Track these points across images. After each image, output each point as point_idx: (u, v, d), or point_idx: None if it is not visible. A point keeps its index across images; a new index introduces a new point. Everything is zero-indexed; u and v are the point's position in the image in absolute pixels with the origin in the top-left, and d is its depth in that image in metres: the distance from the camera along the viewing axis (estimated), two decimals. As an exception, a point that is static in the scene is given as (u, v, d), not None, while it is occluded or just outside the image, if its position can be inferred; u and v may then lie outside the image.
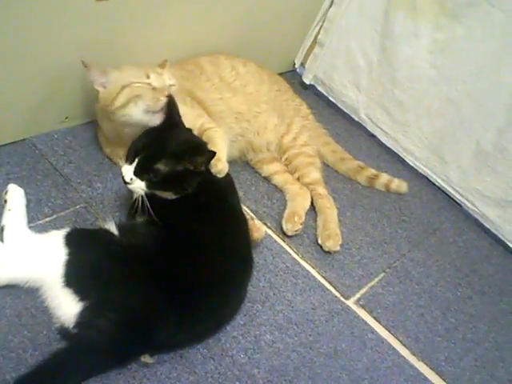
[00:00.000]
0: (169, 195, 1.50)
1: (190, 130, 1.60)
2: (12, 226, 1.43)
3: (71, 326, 1.27)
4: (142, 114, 1.61)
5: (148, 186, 1.46)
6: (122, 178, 1.47)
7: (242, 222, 1.61)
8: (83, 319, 1.27)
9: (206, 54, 2.06)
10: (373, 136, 2.49)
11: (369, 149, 2.45)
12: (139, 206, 1.46)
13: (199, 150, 1.50)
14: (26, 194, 1.58)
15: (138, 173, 1.46)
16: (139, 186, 1.46)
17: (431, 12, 2.17)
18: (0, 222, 1.45)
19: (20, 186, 1.56)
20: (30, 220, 1.54)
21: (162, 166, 1.44)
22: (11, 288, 1.37)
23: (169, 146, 1.47)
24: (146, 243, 1.41)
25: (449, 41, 2.16)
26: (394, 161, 2.43)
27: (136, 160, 1.46)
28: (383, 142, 2.46)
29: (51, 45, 1.65)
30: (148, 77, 1.63)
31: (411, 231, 2.12)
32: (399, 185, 2.23)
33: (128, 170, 1.47)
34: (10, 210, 1.47)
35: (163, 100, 1.59)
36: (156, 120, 1.58)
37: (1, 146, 1.73)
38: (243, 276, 1.55)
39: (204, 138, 1.67)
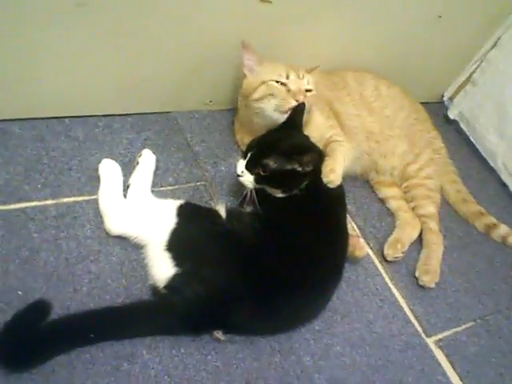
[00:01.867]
0: (276, 192, 1.60)
1: (306, 136, 1.69)
2: (137, 187, 1.60)
3: (161, 285, 1.42)
4: (272, 111, 1.72)
5: (256, 181, 1.58)
6: (235, 170, 1.61)
7: (342, 235, 1.67)
8: (173, 283, 1.40)
9: (354, 69, 2.13)
10: (504, 186, 2.43)
11: (497, 197, 2.39)
12: (248, 199, 1.58)
13: (307, 150, 1.59)
14: (158, 161, 1.75)
15: (248, 167, 1.59)
16: (248, 180, 1.59)
17: None
18: (128, 180, 1.63)
19: (154, 153, 1.73)
20: (154, 185, 1.70)
21: (270, 162, 1.56)
22: (122, 239, 1.54)
23: (280, 145, 1.59)
24: (247, 232, 1.51)
25: None
26: (520, 216, 2.36)
27: (248, 155, 1.59)
28: (514, 194, 2.39)
29: (210, 30, 1.78)
30: (288, 77, 1.73)
31: (517, 290, 2.07)
32: (517, 240, 2.17)
33: (241, 164, 1.60)
34: (139, 171, 1.65)
35: (292, 103, 1.68)
36: (283, 119, 1.69)
37: (147, 114, 1.92)
38: (329, 286, 1.61)
39: (327, 149, 1.75)
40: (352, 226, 1.94)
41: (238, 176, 1.61)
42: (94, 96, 1.78)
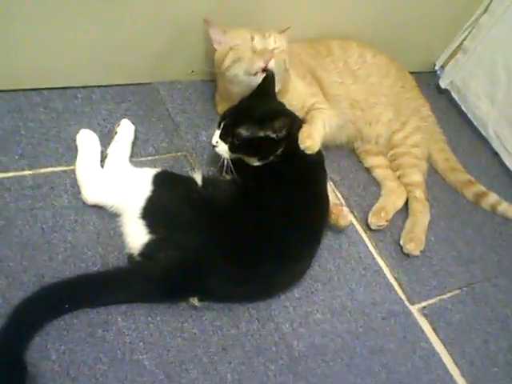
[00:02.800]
0: (252, 161, 1.60)
1: (280, 103, 1.68)
2: (114, 157, 1.59)
3: (136, 253, 1.42)
4: (243, 75, 1.71)
5: (231, 150, 1.58)
6: (210, 141, 1.61)
7: (321, 202, 1.66)
8: (147, 250, 1.40)
9: (341, 38, 2.10)
10: (496, 154, 2.41)
11: (488, 166, 2.37)
12: (225, 168, 1.58)
13: (278, 115, 1.57)
14: (138, 131, 1.74)
15: (222, 136, 1.59)
16: (223, 149, 1.59)
17: None
18: (106, 150, 1.61)
19: (134, 124, 1.72)
20: (134, 155, 1.70)
21: (242, 131, 1.55)
22: (99, 208, 1.53)
23: (252, 113, 1.58)
24: (223, 198, 1.52)
25: None
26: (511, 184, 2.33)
27: (222, 125, 1.58)
28: (505, 162, 2.37)
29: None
30: (252, 39, 1.71)
31: (505, 258, 2.04)
32: (507, 209, 2.14)
33: (215, 134, 1.60)
34: (116, 141, 1.64)
35: (260, 63, 1.67)
36: (257, 80, 1.67)
37: (128, 85, 1.90)
38: (306, 252, 1.61)
39: (308, 116, 1.74)
40: (336, 195, 1.93)
41: (213, 146, 1.61)
42: (72, 67, 1.76)
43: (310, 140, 1.60)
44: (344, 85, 1.98)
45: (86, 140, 1.63)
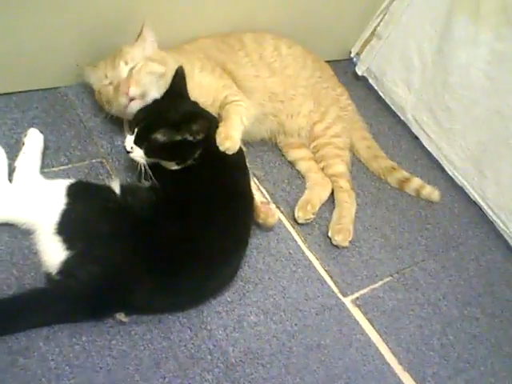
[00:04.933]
0: (170, 165, 1.54)
1: (194, 103, 1.62)
2: (23, 169, 1.48)
3: (54, 272, 1.33)
4: (123, 110, 1.64)
5: (147, 155, 1.51)
6: (124, 147, 1.53)
7: (245, 202, 1.61)
8: (66, 267, 1.32)
9: (255, 30, 2.05)
10: (416, 138, 2.43)
11: (409, 150, 2.39)
12: (143, 174, 1.51)
13: (195, 118, 1.51)
14: (48, 140, 1.64)
15: (137, 142, 1.51)
16: (139, 155, 1.51)
17: (495, 21, 2.07)
18: (14, 163, 1.50)
19: (43, 132, 1.61)
20: (45, 166, 1.60)
21: (159, 136, 1.49)
22: (10, 226, 1.42)
23: (168, 116, 1.51)
24: (143, 207, 1.44)
25: (509, 53, 2.06)
26: (433, 167, 2.36)
27: (136, 129, 1.51)
28: (425, 145, 2.39)
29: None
30: (106, 76, 1.66)
31: (432, 241, 2.07)
32: (431, 192, 2.17)
33: (129, 139, 1.52)
34: (24, 152, 1.53)
35: (122, 100, 1.60)
36: (134, 107, 1.60)
37: (33, 91, 1.78)
38: (234, 255, 1.56)
39: (223, 112, 1.69)
40: (261, 192, 1.89)
41: (128, 152, 1.53)
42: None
43: (229, 141, 1.55)
44: (260, 78, 1.93)
45: (-10, 153, 1.51)
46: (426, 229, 2.11)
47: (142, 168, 1.52)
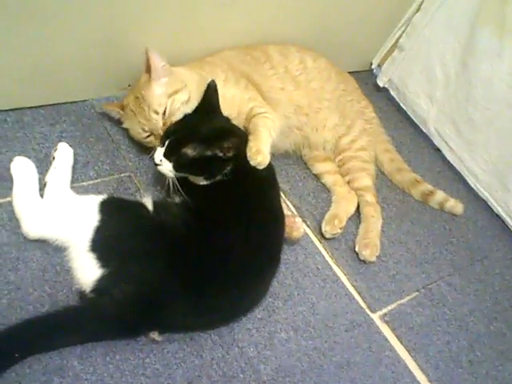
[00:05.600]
0: (199, 180, 1.53)
1: (226, 118, 1.61)
2: (54, 184, 1.48)
3: (88, 289, 1.32)
4: None
5: (176, 169, 1.50)
6: (153, 159, 1.52)
7: (277, 217, 1.60)
8: (100, 286, 1.30)
9: (277, 42, 2.04)
10: (438, 150, 2.42)
11: (431, 163, 2.38)
12: (172, 188, 1.50)
13: (226, 134, 1.50)
14: (76, 154, 1.63)
15: (166, 155, 1.50)
16: (168, 169, 1.50)
17: (520, 34, 2.07)
18: (44, 178, 1.50)
19: (71, 146, 1.61)
20: (75, 180, 1.59)
21: (189, 151, 1.48)
22: (42, 243, 1.42)
23: (199, 131, 1.51)
24: (177, 224, 1.43)
25: (533, 66, 2.06)
26: (455, 179, 2.35)
27: (166, 142, 1.50)
28: (447, 158, 2.38)
29: (121, 10, 1.68)
30: (144, 130, 1.68)
31: (457, 255, 2.05)
32: (455, 205, 2.15)
33: (159, 152, 1.51)
34: (55, 167, 1.52)
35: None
36: None
37: (61, 104, 1.78)
38: (267, 272, 1.55)
39: (250, 125, 1.68)
40: (287, 206, 1.88)
41: (157, 165, 1.52)
42: (-1, 89, 1.63)
43: (260, 155, 1.54)
44: (285, 90, 1.92)
45: (22, 168, 1.51)
46: (451, 242, 2.09)
47: (170, 182, 1.51)
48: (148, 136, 1.67)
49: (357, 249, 1.85)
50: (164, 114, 1.63)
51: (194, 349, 1.42)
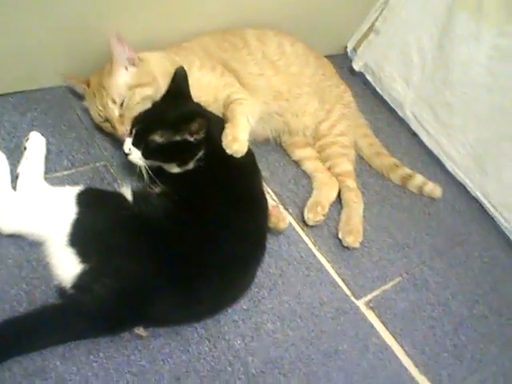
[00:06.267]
0: (172, 168, 1.49)
1: (195, 103, 1.58)
2: (27, 176, 1.41)
3: (68, 286, 1.26)
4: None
5: (146, 157, 1.46)
6: (123, 149, 1.48)
7: (259, 204, 1.56)
8: (81, 282, 1.25)
9: (253, 26, 1.98)
10: (415, 135, 2.40)
11: (408, 147, 2.37)
12: (146, 178, 1.47)
13: (193, 117, 1.45)
14: (48, 143, 1.56)
15: (135, 143, 1.46)
16: (137, 157, 1.47)
17: (497, 17, 2.05)
18: (16, 169, 1.43)
19: (43, 135, 1.54)
20: (48, 171, 1.52)
21: (157, 137, 1.45)
22: (17, 238, 1.35)
23: (165, 117, 1.47)
24: (158, 215, 1.38)
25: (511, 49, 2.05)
26: (433, 164, 2.34)
27: (134, 131, 1.46)
28: (425, 142, 2.37)
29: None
30: (100, 115, 1.63)
31: (437, 239, 2.05)
32: (433, 189, 2.14)
33: (127, 141, 1.47)
34: (27, 158, 1.45)
35: (120, 133, 1.59)
36: None
37: (31, 91, 1.70)
38: (252, 261, 1.50)
39: (227, 112, 1.64)
40: (270, 195, 1.84)
41: (126, 154, 1.48)
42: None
43: (237, 143, 1.50)
44: (264, 76, 1.87)
45: (-9, 160, 1.43)
46: (431, 227, 2.08)
47: (144, 172, 1.47)
48: (104, 121, 1.62)
49: (340, 235, 1.82)
50: (122, 105, 1.58)
51: (180, 343, 1.38)
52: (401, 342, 1.68)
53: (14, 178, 1.41)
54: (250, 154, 1.59)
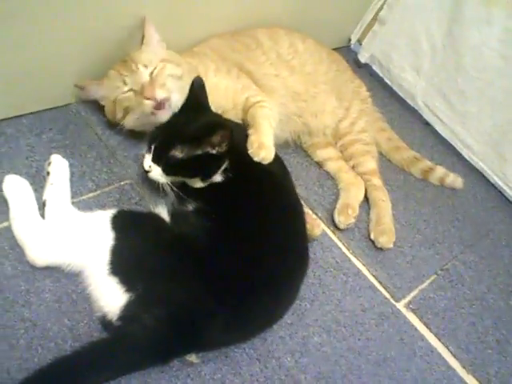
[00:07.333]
0: (194, 182, 1.41)
1: (214, 113, 1.51)
2: (54, 202, 1.33)
3: (114, 318, 1.19)
4: (142, 119, 1.52)
5: (166, 173, 1.39)
6: (142, 166, 1.40)
7: (297, 212, 1.49)
8: (128, 313, 1.18)
9: (258, 24, 1.93)
10: (428, 124, 2.35)
11: (423, 138, 2.31)
12: (172, 196, 1.41)
13: (214, 128, 1.36)
14: (69, 165, 1.47)
15: (155, 160, 1.39)
16: (158, 174, 1.39)
17: (507, -1, 2.01)
18: (42, 196, 1.35)
19: (63, 156, 1.46)
20: (73, 194, 1.44)
21: (177, 152, 1.37)
22: (52, 270, 1.28)
23: (185, 131, 1.39)
24: (197, 234, 1.30)
25: (523, 31, 2.01)
26: (449, 153, 2.29)
27: (152, 147, 1.38)
28: (439, 131, 2.32)
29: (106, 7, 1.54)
30: (125, 82, 1.52)
31: (464, 231, 2.00)
32: (454, 180, 2.10)
33: (147, 158, 1.40)
34: (52, 183, 1.37)
35: (148, 106, 1.49)
36: (163, 116, 1.49)
37: (43, 111, 1.62)
38: (297, 274, 1.43)
39: (248, 118, 1.58)
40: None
41: (147, 172, 1.40)
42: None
43: (263, 150, 1.44)
44: (280, 77, 1.81)
45: (15, 188, 1.36)
46: (456, 219, 2.04)
47: (166, 188, 1.40)
48: (127, 92, 1.52)
49: (372, 236, 1.77)
50: (152, 73, 1.51)
51: (231, 367, 1.32)
52: (445, 343, 1.63)
53: (41, 205, 1.33)
54: (277, 158, 1.52)
